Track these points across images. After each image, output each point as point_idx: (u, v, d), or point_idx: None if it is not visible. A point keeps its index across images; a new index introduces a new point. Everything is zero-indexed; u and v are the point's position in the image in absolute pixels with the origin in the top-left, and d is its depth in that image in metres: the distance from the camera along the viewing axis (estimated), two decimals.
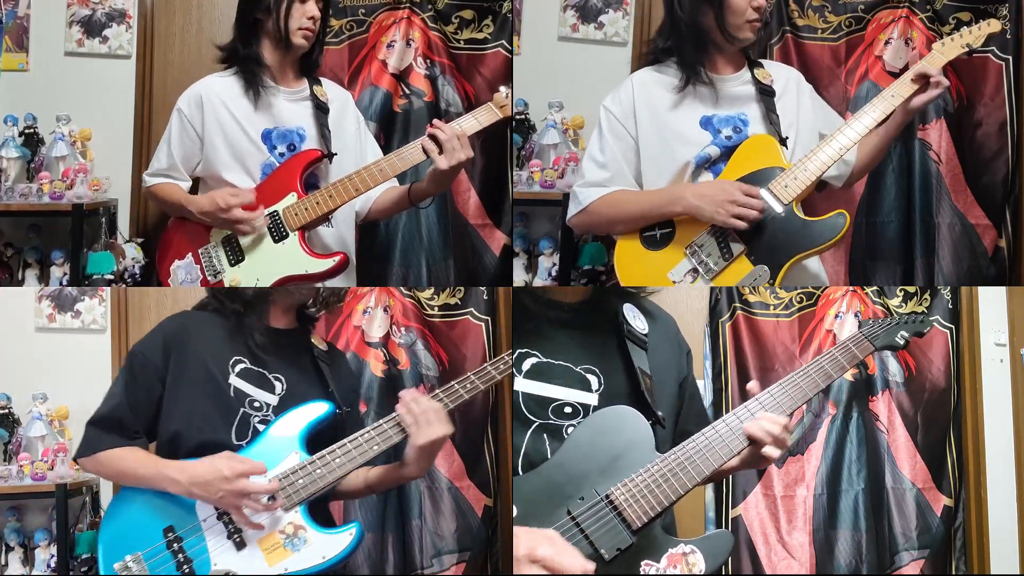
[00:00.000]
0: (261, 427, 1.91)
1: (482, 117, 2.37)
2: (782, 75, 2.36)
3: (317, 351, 2.07)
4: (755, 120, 2.27)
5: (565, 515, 1.47)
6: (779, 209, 2.13)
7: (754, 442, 1.60)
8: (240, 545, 1.79)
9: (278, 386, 1.96)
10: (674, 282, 2.22)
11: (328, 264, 2.30)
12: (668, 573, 1.50)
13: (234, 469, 1.78)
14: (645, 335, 1.70)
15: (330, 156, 2.40)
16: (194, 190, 2.51)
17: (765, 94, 2.28)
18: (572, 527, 1.46)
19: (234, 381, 1.93)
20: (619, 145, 2.28)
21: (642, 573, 1.48)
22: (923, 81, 2.17)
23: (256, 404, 1.93)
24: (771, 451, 1.60)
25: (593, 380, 1.63)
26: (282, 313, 2.06)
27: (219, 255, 2.35)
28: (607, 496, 1.49)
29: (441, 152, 2.28)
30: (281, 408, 1.93)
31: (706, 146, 2.24)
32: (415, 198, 2.43)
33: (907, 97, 2.18)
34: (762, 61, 2.36)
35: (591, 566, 1.42)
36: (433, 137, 2.29)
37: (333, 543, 1.81)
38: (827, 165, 2.14)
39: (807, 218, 2.14)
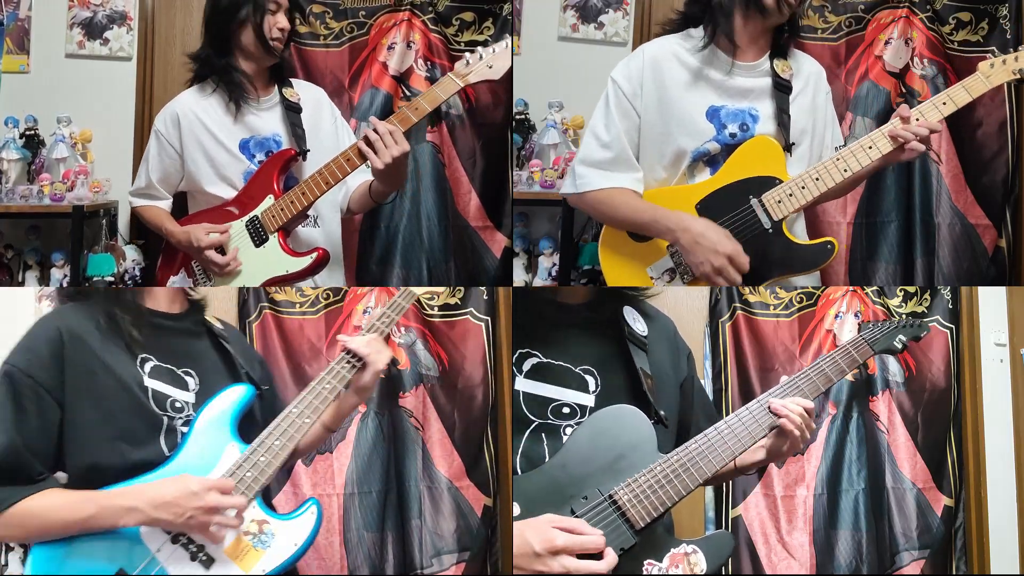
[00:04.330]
0: (185, 430, 1.68)
1: (444, 88, 2.27)
2: (804, 69, 2.25)
3: (216, 330, 1.83)
4: (766, 118, 2.19)
5: (569, 514, 1.48)
6: (767, 224, 2.09)
7: (778, 423, 1.62)
8: (208, 562, 1.60)
9: (190, 381, 1.73)
10: (652, 278, 2.20)
11: (306, 261, 2.30)
12: (670, 573, 1.50)
13: (203, 483, 1.56)
14: (645, 337, 1.71)
15: (303, 153, 2.39)
16: (182, 203, 2.54)
17: (780, 90, 2.18)
18: None
19: (149, 383, 1.66)
20: (624, 123, 2.20)
21: (644, 573, 1.49)
22: (899, 143, 2.06)
23: (177, 404, 1.69)
24: (792, 430, 1.61)
25: (591, 381, 1.63)
26: (172, 294, 1.81)
27: (238, 266, 2.36)
28: (610, 496, 1.50)
29: (377, 154, 2.20)
30: (199, 405, 1.71)
31: (707, 140, 2.18)
32: (375, 196, 2.43)
33: (884, 154, 2.08)
34: (787, 50, 2.25)
35: (599, 532, 1.44)
36: (366, 138, 2.22)
37: (300, 527, 1.69)
38: (827, 187, 2.08)
39: (794, 240, 2.12)
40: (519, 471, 1.56)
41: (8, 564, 2.71)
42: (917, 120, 2.06)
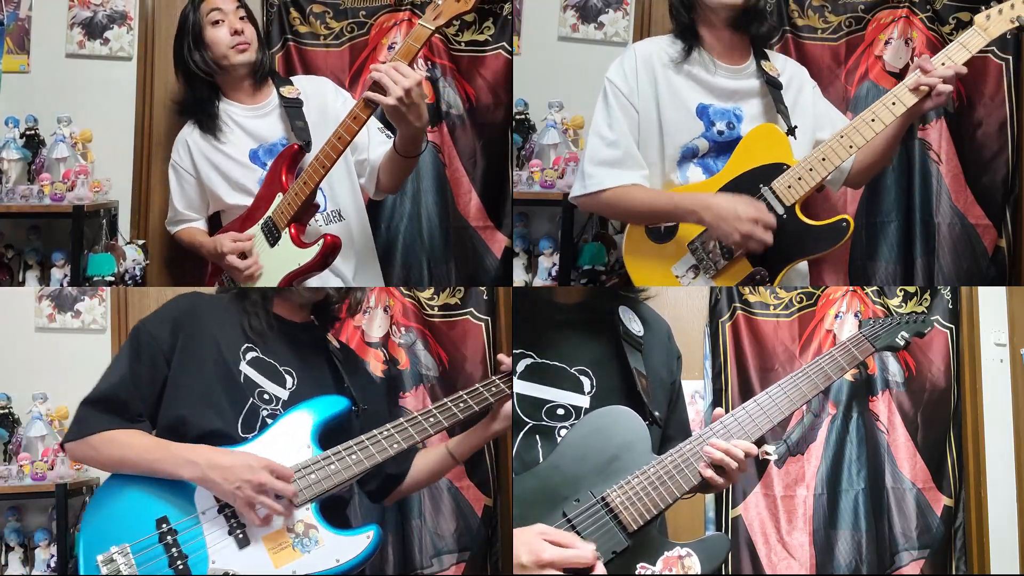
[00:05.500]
0: (270, 421, 1.80)
1: (417, 36, 2.14)
2: (788, 69, 2.32)
3: (331, 347, 2.00)
4: (753, 116, 2.24)
5: (561, 517, 1.47)
6: (780, 211, 2.10)
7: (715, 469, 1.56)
8: (243, 542, 1.64)
9: (289, 380, 1.87)
10: (677, 276, 2.21)
11: (315, 250, 2.24)
12: (663, 574, 1.49)
13: (261, 461, 1.66)
14: (641, 337, 1.71)
15: (306, 145, 2.36)
16: (217, 221, 2.57)
17: (772, 86, 2.23)
18: (568, 529, 1.46)
19: (245, 369, 1.83)
20: (627, 120, 2.23)
21: (637, 575, 1.48)
22: (924, 92, 2.05)
23: (266, 396, 1.83)
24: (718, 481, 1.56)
25: (586, 382, 1.63)
26: (297, 307, 1.99)
27: (260, 268, 2.36)
28: (603, 498, 1.49)
29: (385, 93, 2.07)
30: (291, 404, 1.82)
31: (695, 137, 2.22)
32: (402, 149, 2.30)
33: (909, 107, 2.07)
34: (768, 53, 2.32)
35: (591, 546, 1.42)
36: (374, 83, 2.10)
37: (348, 546, 1.67)
38: (834, 166, 2.09)
39: (808, 221, 2.11)
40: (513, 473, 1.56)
41: (8, 564, 2.72)
42: (943, 64, 2.05)
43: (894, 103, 2.07)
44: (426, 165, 2.88)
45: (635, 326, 1.72)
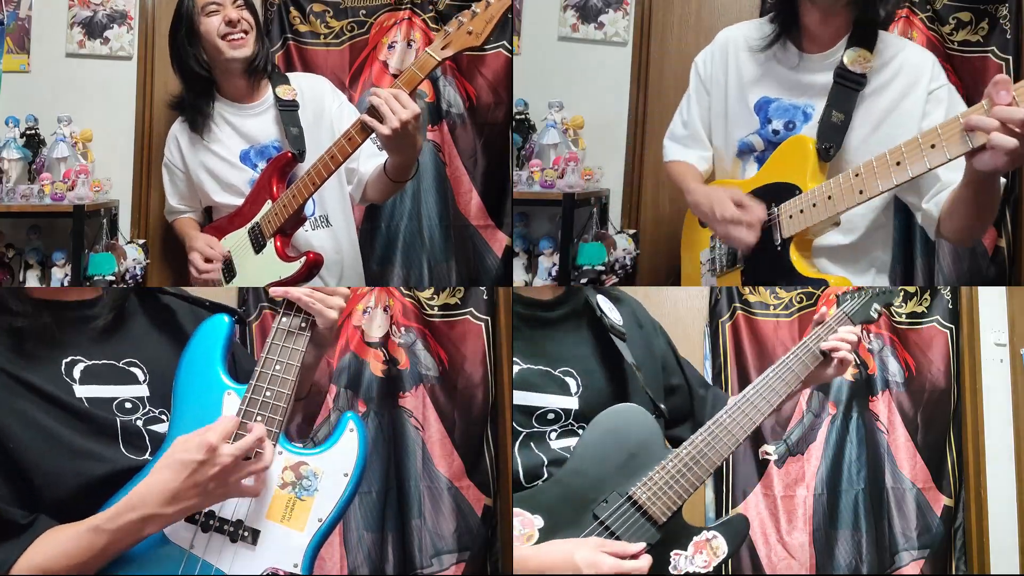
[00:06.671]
0: (156, 427, 1.44)
1: (422, 66, 2.01)
2: (899, 60, 1.89)
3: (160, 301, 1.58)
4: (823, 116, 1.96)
5: (592, 520, 1.50)
6: (776, 241, 1.91)
7: (826, 356, 1.73)
8: (253, 537, 1.39)
9: (139, 373, 1.48)
10: (701, 263, 2.23)
11: (296, 266, 2.24)
12: (694, 567, 1.53)
13: (202, 444, 1.30)
14: (622, 326, 1.72)
15: (300, 155, 2.35)
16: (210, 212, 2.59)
17: (843, 82, 1.88)
18: (601, 530, 1.50)
19: (83, 392, 1.40)
20: (700, 104, 2.25)
21: (673, 563, 1.52)
22: (981, 142, 1.44)
23: (127, 405, 1.44)
24: (846, 357, 1.74)
25: (571, 383, 1.63)
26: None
27: (218, 276, 2.39)
28: (629, 496, 1.52)
29: (382, 121, 1.98)
30: (156, 396, 1.46)
31: (751, 132, 2.09)
32: (391, 173, 2.24)
33: (952, 156, 1.47)
34: (886, 36, 1.94)
35: (640, 546, 1.47)
36: (372, 108, 2.01)
37: (343, 452, 1.44)
38: (837, 211, 1.78)
39: (795, 265, 1.91)
40: (523, 483, 1.57)
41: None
42: None
43: (933, 146, 1.48)
44: (426, 164, 2.89)
45: (615, 316, 1.73)
